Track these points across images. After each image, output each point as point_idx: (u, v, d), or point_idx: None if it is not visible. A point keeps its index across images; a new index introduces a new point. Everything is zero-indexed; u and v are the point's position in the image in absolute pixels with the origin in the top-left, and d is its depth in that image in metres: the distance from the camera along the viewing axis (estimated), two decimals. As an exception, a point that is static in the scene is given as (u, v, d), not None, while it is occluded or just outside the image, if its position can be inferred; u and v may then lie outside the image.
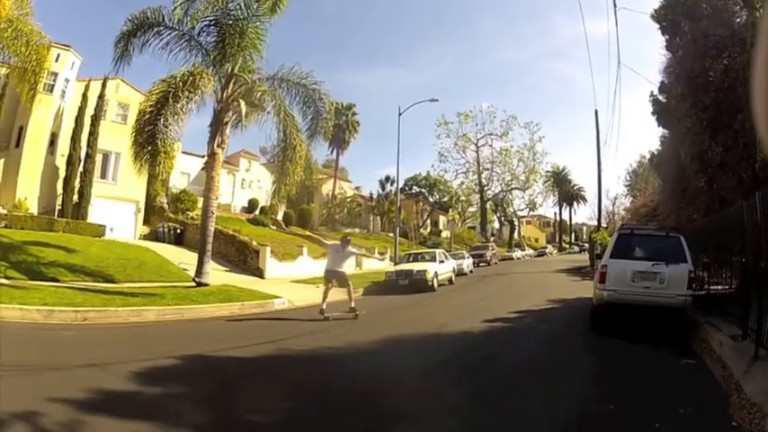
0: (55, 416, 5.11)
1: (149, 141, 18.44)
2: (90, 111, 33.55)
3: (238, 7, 19.51)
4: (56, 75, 32.02)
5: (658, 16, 18.19)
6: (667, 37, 18.23)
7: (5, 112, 31.32)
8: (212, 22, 19.65)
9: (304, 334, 11.92)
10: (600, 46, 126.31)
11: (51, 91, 32.19)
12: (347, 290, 15.03)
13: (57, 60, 31.25)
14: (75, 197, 32.79)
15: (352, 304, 14.66)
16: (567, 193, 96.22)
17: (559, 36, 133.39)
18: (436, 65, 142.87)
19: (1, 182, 31.92)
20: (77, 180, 32.91)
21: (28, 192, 32.02)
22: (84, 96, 33.37)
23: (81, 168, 33.07)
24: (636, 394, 6.67)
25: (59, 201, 33.02)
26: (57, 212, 32.51)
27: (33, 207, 31.83)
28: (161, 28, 19.19)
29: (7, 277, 16.59)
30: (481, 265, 43.80)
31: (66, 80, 34.46)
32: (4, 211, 29.12)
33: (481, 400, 6.48)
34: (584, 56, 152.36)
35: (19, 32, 16.09)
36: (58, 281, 17.42)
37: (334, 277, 14.98)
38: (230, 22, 19.49)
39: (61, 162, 33.47)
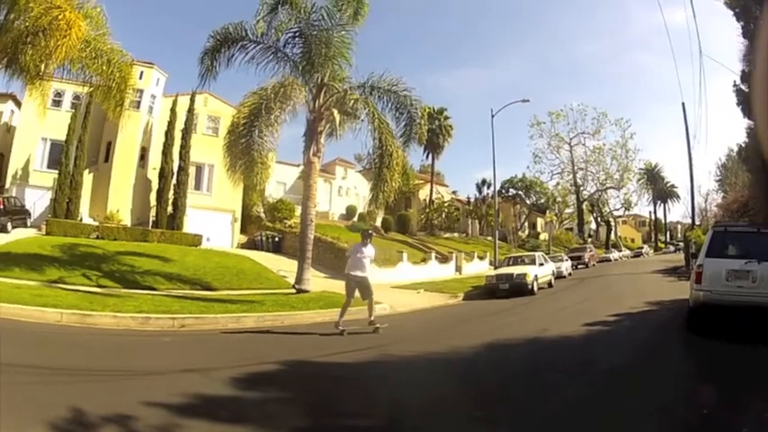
0: (151, 419, 5.05)
1: (245, 152, 18.58)
2: (180, 125, 34.58)
3: (321, 18, 19.30)
4: (141, 91, 32.84)
5: (731, 2, 17.32)
6: (742, 23, 17.27)
7: (92, 128, 32.67)
8: (297, 34, 19.59)
9: (405, 339, 11.68)
10: (677, 35, 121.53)
11: (138, 107, 33.17)
12: (369, 301, 12.54)
13: (141, 77, 32.06)
14: (170, 208, 33.79)
15: (372, 317, 12.44)
16: (661, 191, 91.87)
17: (635, 27, 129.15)
18: (518, 64, 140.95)
19: (91, 195, 33.29)
20: (171, 192, 33.89)
21: (120, 204, 33.25)
22: (173, 111, 34.39)
23: (174, 180, 34.06)
24: (736, 398, 6.22)
25: (153, 212, 34.12)
26: (151, 223, 33.61)
27: (126, 219, 33.00)
28: (245, 42, 19.27)
29: (100, 286, 16.96)
30: (579, 267, 42.26)
31: (153, 96, 35.73)
32: (96, 223, 30.17)
33: (583, 403, 6.26)
34: (660, 47, 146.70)
35: (98, 52, 16.41)
36: (154, 289, 17.65)
37: (357, 286, 12.39)
38: (314, 32, 19.32)
39: (153, 175, 34.63)
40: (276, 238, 35.89)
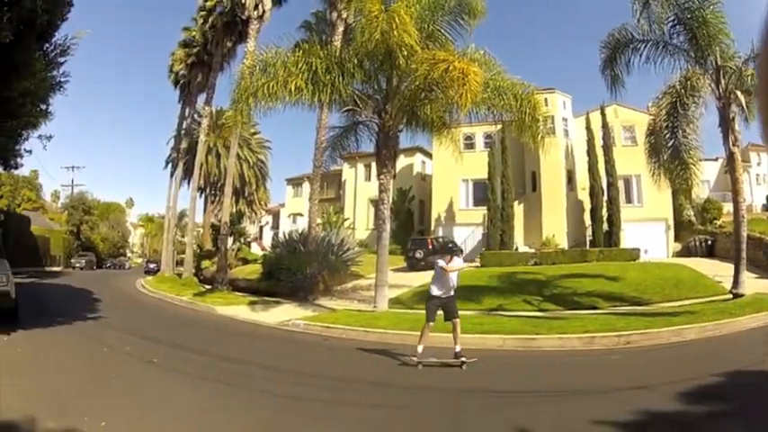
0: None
1: (674, 156, 17.81)
2: (598, 141, 34.42)
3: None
4: (552, 117, 33.39)
5: None
6: None
7: (512, 162, 34.62)
8: (675, 22, 18.10)
9: None
10: None
11: (554, 133, 33.86)
12: (455, 325, 9.78)
13: (546, 104, 32.46)
14: (605, 226, 33.57)
15: (458, 348, 9.54)
16: None
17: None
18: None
19: (524, 224, 34.99)
20: (604, 209, 33.71)
21: (554, 229, 34.24)
22: (588, 129, 34.39)
23: (605, 197, 33.80)
24: None
25: (589, 232, 34.29)
26: (588, 243, 33.71)
27: (562, 242, 33.82)
28: (635, 44, 18.49)
29: (541, 310, 17.49)
30: None
31: (564, 119, 36.49)
32: (532, 250, 31.10)
33: None
34: None
35: (500, 90, 17.09)
36: (595, 308, 17.49)
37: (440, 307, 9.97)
38: (688, 15, 17.63)
39: (583, 195, 34.96)
40: (708, 242, 32.67)
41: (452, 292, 9.97)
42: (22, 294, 14.86)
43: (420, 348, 9.49)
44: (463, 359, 9.24)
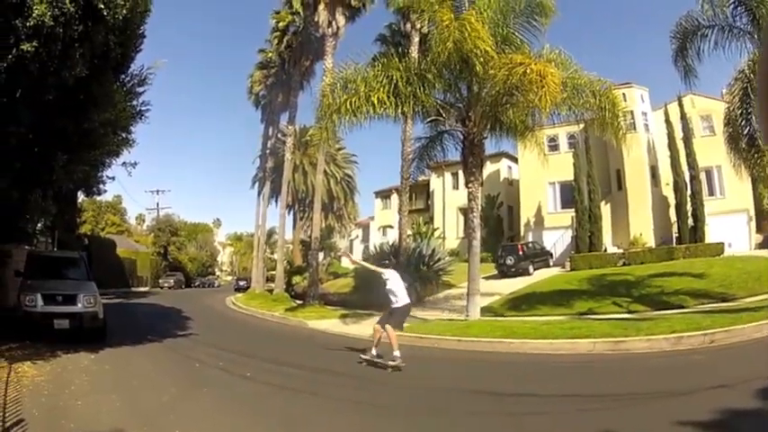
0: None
1: (750, 144, 17.17)
2: (677, 133, 33.51)
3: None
4: (631, 112, 32.68)
5: None
6: None
7: (596, 161, 34.09)
8: (735, 3, 17.38)
9: None
10: None
11: (634, 128, 33.24)
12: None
13: (624, 99, 31.96)
14: (690, 221, 32.68)
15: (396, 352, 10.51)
16: None
17: None
18: None
19: (612, 224, 34.42)
20: (688, 204, 32.85)
21: (641, 227, 33.57)
22: (667, 122, 33.52)
23: (689, 191, 32.95)
24: None
25: (674, 228, 33.41)
26: (674, 240, 32.80)
27: (649, 240, 33.03)
28: (702, 30, 17.89)
29: (630, 311, 17.21)
30: None
31: (643, 113, 35.68)
32: (620, 251, 30.75)
33: None
34: None
35: (578, 89, 16.92)
36: (682, 307, 17.17)
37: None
38: None
39: (667, 191, 34.17)
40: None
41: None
42: (111, 314, 15.42)
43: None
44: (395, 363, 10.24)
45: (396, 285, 11.22)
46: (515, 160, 41.19)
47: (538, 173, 32.60)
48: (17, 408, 6.74)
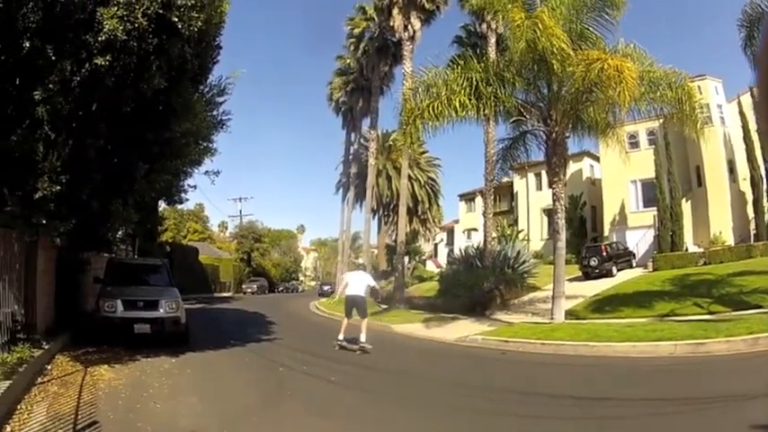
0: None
1: None
2: (752, 125, 32.05)
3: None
4: (707, 105, 31.67)
5: None
6: None
7: (676, 157, 33.32)
8: None
9: None
10: None
11: (711, 121, 31.89)
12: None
13: (700, 92, 31.47)
14: (767, 217, 31.67)
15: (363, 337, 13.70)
16: None
17: None
18: None
19: (692, 222, 33.67)
20: (764, 199, 31.81)
21: (721, 225, 32.70)
22: (741, 114, 32.53)
23: (765, 186, 31.95)
24: None
25: (752, 225, 32.49)
26: (752, 237, 31.94)
27: (728, 238, 32.12)
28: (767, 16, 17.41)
29: (710, 312, 16.95)
30: None
31: (718, 106, 34.61)
32: (701, 249, 30.28)
33: None
34: None
35: (655, 82, 16.76)
36: (760, 307, 16.56)
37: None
38: None
39: (745, 186, 33.21)
40: None
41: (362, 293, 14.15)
42: (194, 319, 15.76)
43: (341, 336, 13.90)
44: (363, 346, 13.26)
45: (352, 281, 14.45)
46: (597, 159, 40.82)
47: (620, 171, 32.18)
48: (91, 410, 6.78)
